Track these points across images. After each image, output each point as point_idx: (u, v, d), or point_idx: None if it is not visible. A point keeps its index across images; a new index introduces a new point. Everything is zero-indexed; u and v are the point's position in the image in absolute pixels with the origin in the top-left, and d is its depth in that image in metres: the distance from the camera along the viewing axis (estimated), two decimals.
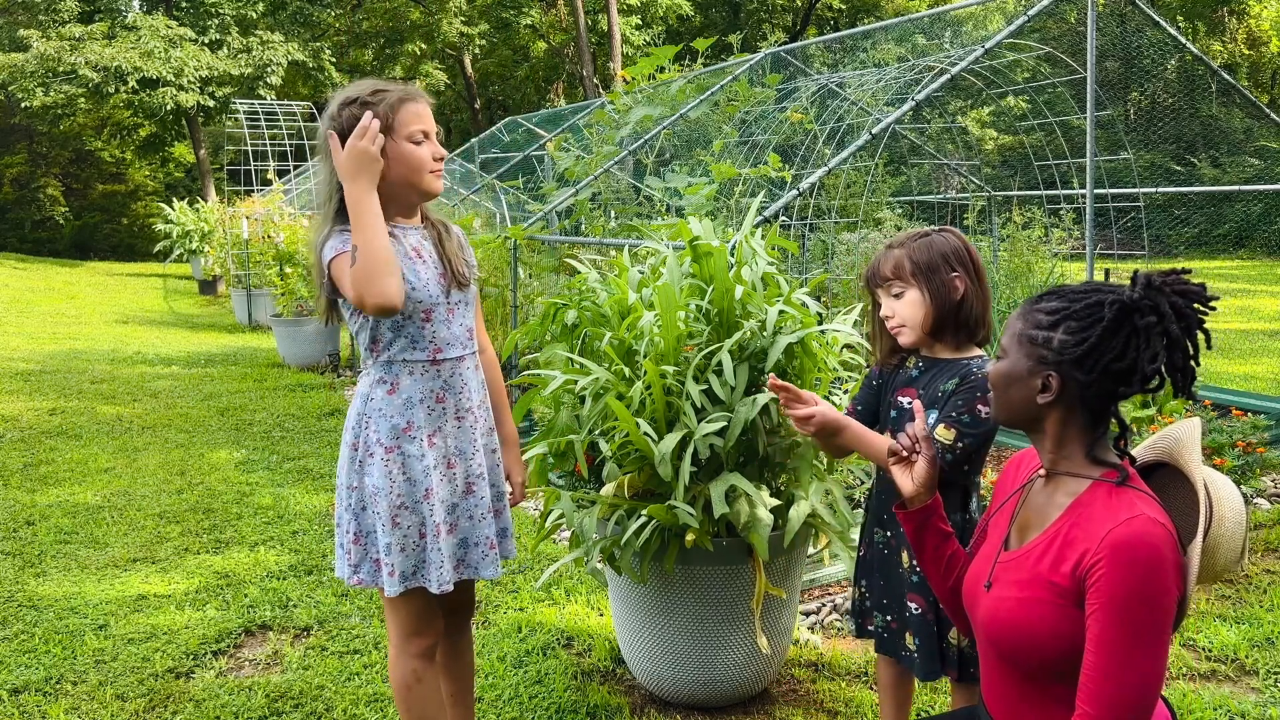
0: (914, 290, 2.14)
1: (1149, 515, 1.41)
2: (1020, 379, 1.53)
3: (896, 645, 2.24)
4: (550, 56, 27.09)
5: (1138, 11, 5.29)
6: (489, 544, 2.26)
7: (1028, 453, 1.73)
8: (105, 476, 5.42)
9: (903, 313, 2.16)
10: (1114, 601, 1.39)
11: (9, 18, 23.15)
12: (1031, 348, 1.52)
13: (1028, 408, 1.54)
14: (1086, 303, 1.50)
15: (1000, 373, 1.57)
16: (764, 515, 2.53)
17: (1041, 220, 7.31)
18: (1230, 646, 3.11)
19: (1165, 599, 1.39)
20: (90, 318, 13.16)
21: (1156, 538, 1.39)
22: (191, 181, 28.83)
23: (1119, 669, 1.39)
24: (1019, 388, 1.54)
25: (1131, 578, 1.38)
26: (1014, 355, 1.55)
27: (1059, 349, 1.49)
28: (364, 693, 2.99)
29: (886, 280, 2.18)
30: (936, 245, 2.15)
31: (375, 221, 2.01)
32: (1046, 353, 1.50)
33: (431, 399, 2.18)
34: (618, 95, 6.44)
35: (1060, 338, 1.49)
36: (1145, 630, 1.38)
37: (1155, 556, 1.38)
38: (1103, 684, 1.40)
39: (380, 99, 2.10)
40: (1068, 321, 1.49)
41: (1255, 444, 4.28)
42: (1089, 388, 1.49)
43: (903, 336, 2.17)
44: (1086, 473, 1.53)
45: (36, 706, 2.94)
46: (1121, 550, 1.39)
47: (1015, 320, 1.57)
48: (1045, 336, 1.51)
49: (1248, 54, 23.55)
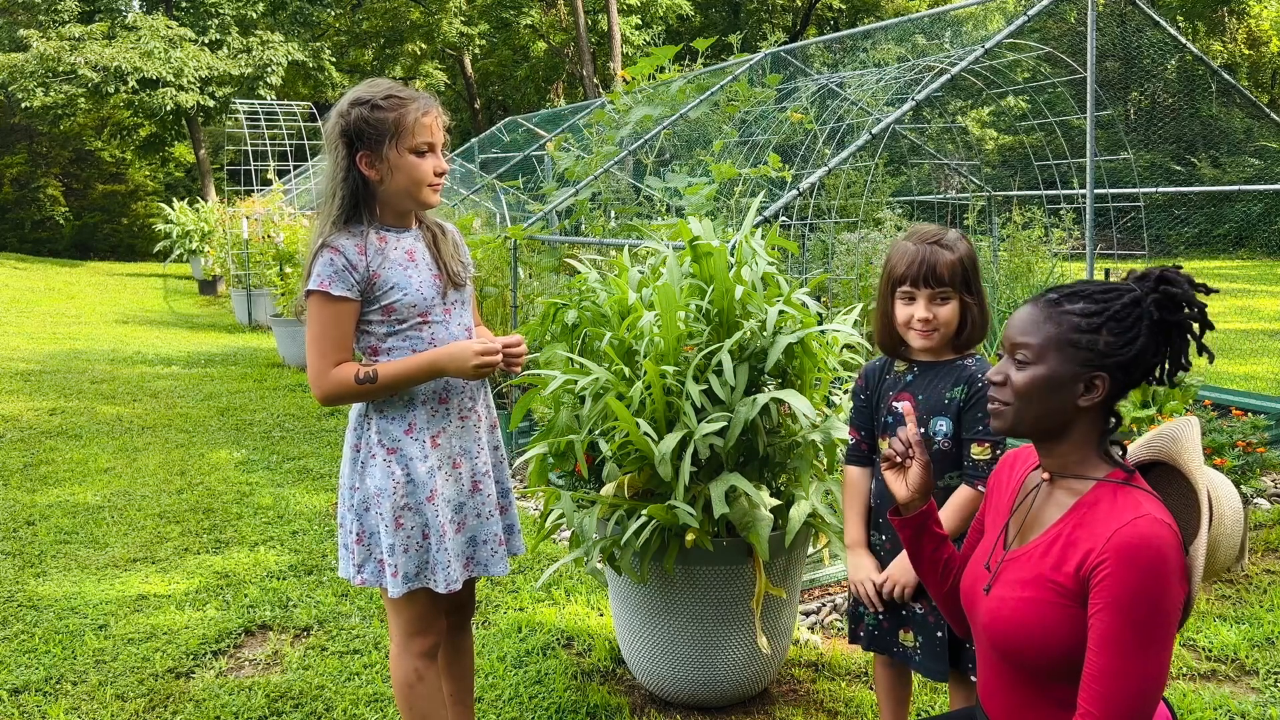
0: (956, 299, 2.13)
1: (1154, 516, 1.41)
2: (1064, 384, 1.49)
3: (888, 642, 2.24)
4: (550, 56, 27.08)
5: (1138, 11, 5.29)
6: (498, 541, 2.27)
7: (1022, 451, 1.72)
8: (105, 476, 5.42)
9: (945, 318, 2.13)
10: (1118, 602, 1.39)
11: (9, 18, 23.16)
12: (1074, 351, 1.48)
13: (1065, 413, 1.51)
14: (1121, 302, 1.48)
15: (1039, 379, 1.50)
16: (764, 515, 2.53)
17: (1041, 220, 7.31)
18: (1230, 646, 3.10)
19: (1169, 600, 1.38)
20: (90, 318, 13.16)
21: (1162, 539, 1.39)
22: (191, 181, 28.83)
23: (1122, 669, 1.38)
24: (1062, 393, 1.49)
25: (1137, 578, 1.38)
26: (1053, 361, 1.49)
27: (1106, 351, 1.47)
28: (364, 692, 2.99)
29: (941, 284, 2.11)
30: (971, 253, 2.13)
31: (403, 383, 2.12)
32: (1092, 355, 1.47)
33: (434, 400, 2.18)
34: (618, 95, 6.44)
35: (1106, 339, 1.47)
36: (1149, 631, 1.38)
37: (1160, 557, 1.38)
38: (1106, 684, 1.40)
39: (391, 104, 2.08)
40: (1110, 324, 1.47)
41: (1255, 444, 4.27)
42: (1124, 387, 1.49)
43: (931, 340, 2.14)
44: (1091, 473, 1.52)
45: (36, 706, 2.94)
46: (1127, 551, 1.39)
47: (1041, 324, 1.51)
48: (1089, 339, 1.47)
49: (1248, 54, 23.55)
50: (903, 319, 2.14)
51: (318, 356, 2.10)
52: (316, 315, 2.10)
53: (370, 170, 2.11)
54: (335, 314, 2.09)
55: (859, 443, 2.30)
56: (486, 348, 2.12)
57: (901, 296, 2.14)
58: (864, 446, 2.29)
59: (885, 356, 2.28)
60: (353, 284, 2.09)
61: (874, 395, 2.26)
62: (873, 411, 2.27)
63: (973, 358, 2.20)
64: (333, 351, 2.10)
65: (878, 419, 2.25)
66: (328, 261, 2.08)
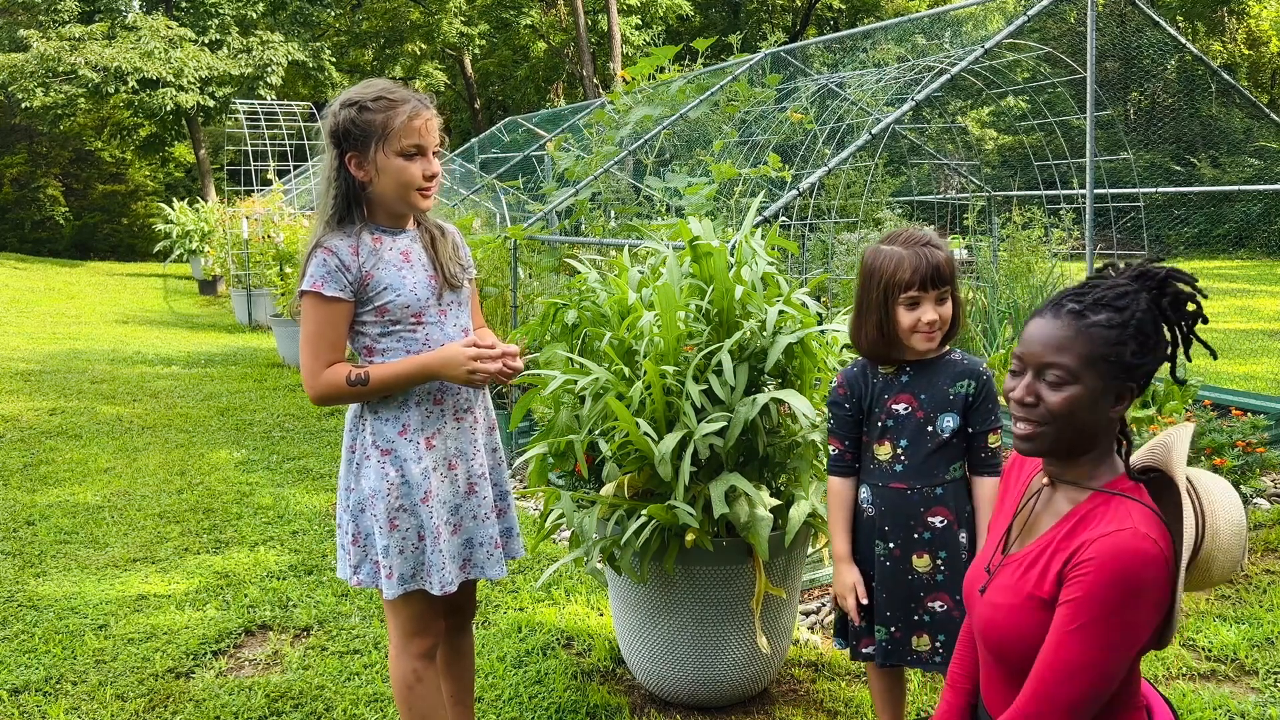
0: (951, 296, 2.16)
1: (1139, 530, 1.40)
2: (1099, 401, 1.47)
3: (903, 652, 2.23)
4: (550, 56, 27.07)
5: (1138, 11, 5.29)
6: (494, 544, 2.26)
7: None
8: (105, 476, 5.42)
9: (947, 316, 2.15)
10: (1080, 599, 1.40)
11: (9, 18, 23.15)
12: (1107, 366, 1.45)
13: (1097, 427, 1.49)
14: (1140, 309, 1.46)
15: (1079, 400, 1.45)
16: (764, 515, 2.53)
17: (1041, 220, 7.31)
18: (1230, 646, 3.10)
19: (1133, 613, 1.38)
20: (90, 318, 13.16)
21: (1140, 552, 1.38)
22: (191, 181, 28.82)
23: (1063, 663, 1.40)
24: (1098, 410, 1.47)
25: (1105, 583, 1.38)
26: (1090, 380, 1.45)
27: (1134, 363, 1.46)
28: (364, 693, 2.99)
29: (944, 283, 2.13)
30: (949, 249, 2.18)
31: (395, 386, 2.12)
32: (1121, 368, 1.45)
33: (429, 400, 2.18)
34: (618, 95, 6.44)
35: (1133, 349, 1.45)
36: (1101, 635, 1.38)
37: (1134, 570, 1.37)
38: (1044, 671, 1.42)
39: (380, 106, 2.07)
40: (1135, 335, 1.46)
41: (1255, 444, 4.27)
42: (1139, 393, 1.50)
43: (935, 341, 2.16)
44: (1091, 484, 1.52)
45: (36, 706, 2.94)
46: (1104, 556, 1.39)
47: (1071, 341, 1.46)
48: (1118, 352, 1.45)
49: (1248, 54, 23.54)
50: (908, 324, 2.13)
51: (311, 357, 2.10)
52: (310, 315, 2.10)
53: (359, 171, 2.10)
54: (328, 314, 2.09)
55: (843, 453, 2.28)
56: (479, 352, 2.11)
57: (905, 302, 2.13)
58: (848, 456, 2.28)
59: (863, 361, 2.28)
60: (346, 284, 2.09)
61: (862, 402, 2.25)
62: (861, 418, 2.26)
63: (957, 351, 2.25)
64: (326, 352, 2.10)
65: (870, 424, 2.25)
66: (321, 262, 2.08)
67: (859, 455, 2.28)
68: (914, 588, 2.20)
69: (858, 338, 2.23)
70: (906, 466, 2.20)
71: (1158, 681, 2.94)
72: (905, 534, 2.20)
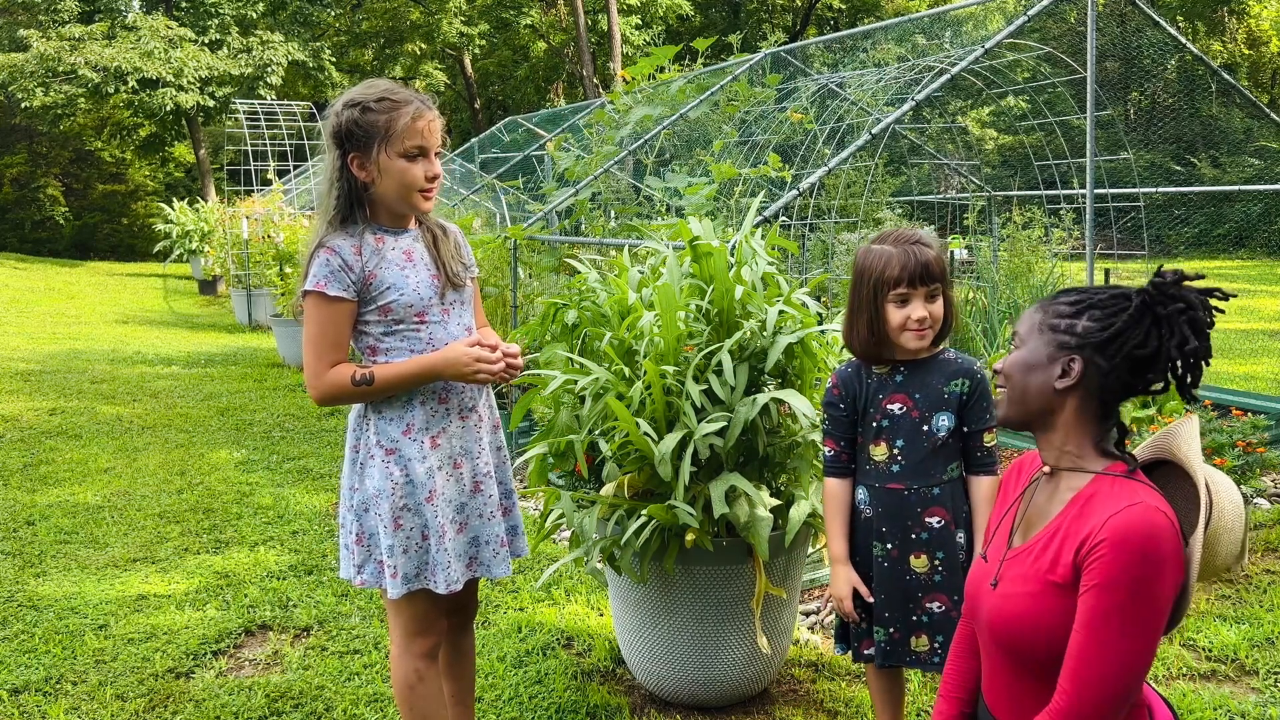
0: (941, 293, 2.16)
1: (1150, 504, 1.41)
2: (1040, 366, 1.53)
3: (902, 653, 2.23)
4: (550, 56, 27.07)
5: (1138, 11, 5.29)
6: (500, 542, 2.26)
7: (1029, 456, 1.73)
8: (105, 476, 5.42)
9: (938, 314, 2.16)
10: (1106, 583, 1.39)
11: (9, 18, 23.15)
12: (1053, 335, 1.52)
13: (1044, 397, 1.54)
14: (1110, 294, 1.52)
15: (1018, 361, 1.56)
16: (764, 515, 2.53)
17: (1041, 220, 7.31)
18: (1230, 646, 3.10)
19: (1158, 587, 1.38)
20: (90, 318, 13.16)
21: (1156, 525, 1.39)
22: (191, 181, 28.82)
23: (1101, 651, 1.39)
24: (1038, 374, 1.53)
25: (1127, 562, 1.38)
26: (1033, 343, 1.55)
27: (1083, 334, 1.50)
28: (364, 693, 2.99)
29: (934, 280, 2.13)
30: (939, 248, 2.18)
31: (399, 386, 2.12)
32: (1069, 338, 1.51)
33: (433, 400, 2.18)
34: (618, 95, 6.43)
35: (1084, 324, 1.50)
36: (1134, 615, 1.38)
37: (1153, 543, 1.38)
38: (1084, 665, 1.40)
39: (383, 107, 2.06)
40: (1091, 310, 1.51)
41: (1255, 444, 4.27)
42: (1108, 375, 1.50)
43: (926, 339, 2.16)
44: (1090, 466, 1.53)
45: (36, 706, 2.94)
46: (1119, 534, 1.39)
47: (1033, 314, 1.58)
48: (1069, 324, 1.51)
49: (1248, 54, 23.55)
50: (898, 321, 2.13)
51: (314, 357, 2.10)
52: (313, 315, 2.10)
53: (361, 172, 2.10)
54: (332, 314, 2.09)
55: (838, 454, 2.28)
56: (482, 352, 2.11)
57: (894, 300, 2.13)
58: (844, 457, 2.28)
59: (857, 361, 2.28)
60: (349, 284, 2.09)
61: (857, 402, 2.25)
62: (856, 419, 2.26)
63: (951, 351, 2.24)
64: (329, 352, 2.10)
65: (865, 425, 2.24)
66: (324, 262, 2.08)
67: (855, 456, 2.28)
68: (912, 588, 2.20)
69: (850, 338, 2.23)
70: (904, 467, 2.20)
71: (1158, 681, 2.94)
72: (903, 535, 2.20)
